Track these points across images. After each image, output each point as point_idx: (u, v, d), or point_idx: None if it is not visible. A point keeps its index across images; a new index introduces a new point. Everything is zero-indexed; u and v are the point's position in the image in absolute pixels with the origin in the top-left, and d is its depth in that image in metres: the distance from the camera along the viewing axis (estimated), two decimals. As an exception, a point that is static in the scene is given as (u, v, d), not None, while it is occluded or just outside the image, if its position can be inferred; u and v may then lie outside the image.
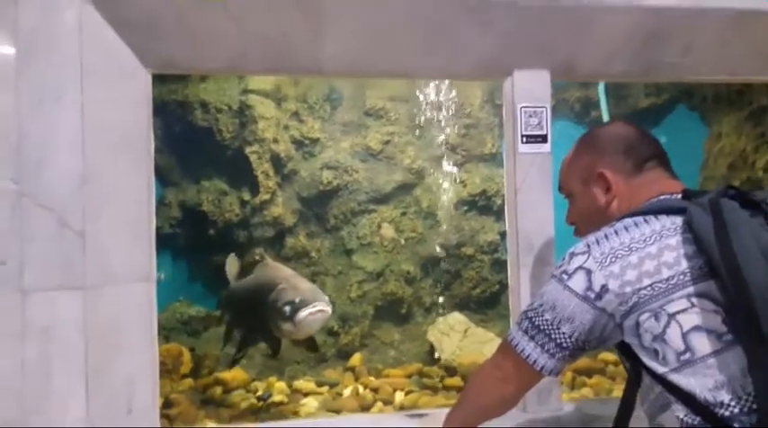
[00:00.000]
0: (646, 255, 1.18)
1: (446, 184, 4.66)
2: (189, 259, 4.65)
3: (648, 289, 1.15)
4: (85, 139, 1.82)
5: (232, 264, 3.51)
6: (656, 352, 1.13)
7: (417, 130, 4.75)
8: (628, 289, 1.16)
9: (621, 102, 4.55)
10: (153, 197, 2.04)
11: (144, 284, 2.00)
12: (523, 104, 2.59)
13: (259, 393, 3.51)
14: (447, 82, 4.55)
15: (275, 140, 4.39)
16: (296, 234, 4.49)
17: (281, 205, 4.42)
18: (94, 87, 1.86)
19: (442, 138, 4.70)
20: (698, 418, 1.07)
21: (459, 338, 4.01)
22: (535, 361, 1.28)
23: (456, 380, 3.57)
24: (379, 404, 3.30)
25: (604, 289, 1.18)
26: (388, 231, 4.61)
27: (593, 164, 1.45)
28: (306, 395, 3.51)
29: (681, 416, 1.10)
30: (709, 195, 1.21)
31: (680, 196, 1.32)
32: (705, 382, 1.08)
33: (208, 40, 2.05)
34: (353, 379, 3.85)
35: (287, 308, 2.61)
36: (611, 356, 3.80)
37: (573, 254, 1.26)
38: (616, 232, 1.24)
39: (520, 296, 2.51)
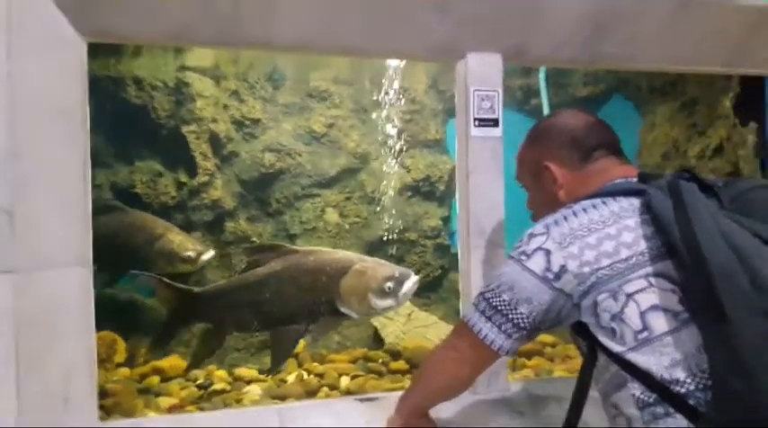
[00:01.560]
0: (605, 236, 1.20)
1: (391, 169, 4.64)
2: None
3: (607, 269, 1.17)
4: (14, 111, 1.68)
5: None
6: (613, 331, 1.15)
7: (362, 114, 4.69)
8: (586, 270, 1.18)
9: (561, 90, 4.66)
10: (89, 173, 1.91)
11: (79, 268, 1.87)
12: (476, 88, 2.60)
13: (199, 381, 3.39)
14: (392, 66, 4.51)
15: (214, 120, 4.22)
16: (236, 218, 4.35)
17: (221, 188, 4.27)
18: (25, 56, 1.72)
19: (386, 122, 4.66)
20: (654, 395, 1.10)
21: (403, 322, 4.03)
22: (492, 342, 1.29)
23: (401, 364, 3.57)
24: (325, 389, 3.26)
25: (563, 269, 1.20)
26: (332, 216, 4.55)
27: (540, 157, 1.52)
28: (249, 383, 3.42)
29: (637, 394, 1.12)
30: (667, 178, 1.25)
31: (635, 179, 1.35)
32: (661, 360, 1.09)
33: (150, 8, 1.93)
34: (297, 366, 3.79)
35: (390, 284, 2.74)
36: (548, 338, 3.92)
37: (531, 235, 1.28)
38: (574, 213, 1.26)
39: (470, 279, 2.54)
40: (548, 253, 1.22)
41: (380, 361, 3.67)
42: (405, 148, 4.64)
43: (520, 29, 2.41)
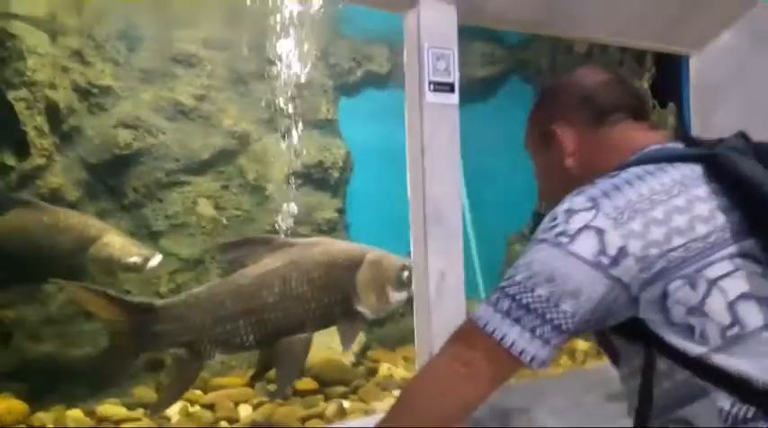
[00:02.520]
0: (673, 209, 1.00)
1: (277, 153, 4.00)
2: None
3: (681, 250, 0.97)
4: None
5: None
6: (690, 328, 0.95)
7: (240, 86, 3.99)
8: (653, 252, 0.97)
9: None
10: None
11: None
12: (431, 44, 2.18)
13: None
14: (275, 26, 3.88)
15: (51, 86, 3.25)
16: (81, 212, 3.41)
17: (61, 173, 3.31)
18: None
19: (270, 97, 4.01)
20: (752, 408, 0.91)
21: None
22: (523, 351, 0.99)
23: (308, 383, 3.01)
24: (224, 424, 2.60)
25: (623, 252, 0.97)
26: (206, 208, 3.80)
27: (548, 120, 1.30)
28: (118, 423, 2.63)
29: (725, 408, 0.92)
30: (734, 141, 1.09)
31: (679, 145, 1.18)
32: (762, 362, 0.91)
33: None
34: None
35: (406, 274, 2.49)
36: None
37: (571, 211, 1.02)
38: (628, 182, 1.04)
39: (428, 277, 2.14)
40: (600, 232, 0.98)
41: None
42: (293, 129, 4.03)
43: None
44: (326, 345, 3.40)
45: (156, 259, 2.93)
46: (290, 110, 4.05)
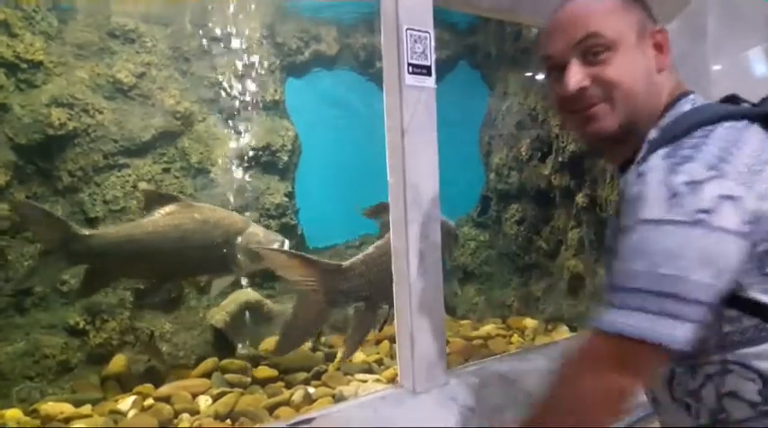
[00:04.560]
0: None
1: (221, 135, 3.85)
2: None
3: None
4: None
5: None
6: None
7: (183, 63, 3.79)
8: None
9: (403, 54, 4.37)
10: None
11: None
12: (409, 26, 2.17)
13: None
14: (222, 7, 3.72)
15: (-26, 58, 2.96)
16: (10, 197, 3.15)
17: (-13, 155, 3.04)
18: None
19: (214, 76, 3.85)
20: None
21: (256, 320, 3.37)
22: (674, 340, 0.89)
23: (267, 370, 2.94)
24: (185, 416, 2.50)
25: (757, 215, 0.90)
26: (147, 192, 3.61)
27: (649, 18, 1.14)
28: (67, 421, 2.47)
29: None
30: None
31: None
32: None
33: None
34: (121, 390, 2.90)
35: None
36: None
37: (695, 183, 0.90)
38: (734, 143, 0.95)
39: (408, 261, 2.14)
40: (736, 199, 0.90)
41: (241, 370, 2.97)
42: (239, 110, 3.89)
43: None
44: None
45: (286, 243, 3.11)
46: (236, 90, 3.91)
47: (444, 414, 1.93)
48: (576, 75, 1.06)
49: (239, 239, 2.96)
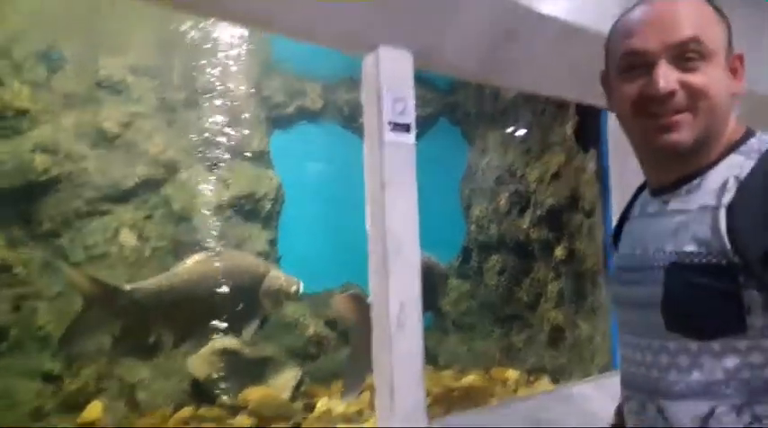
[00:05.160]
0: None
1: (205, 183, 3.89)
2: None
3: None
4: None
5: None
6: None
7: (169, 114, 3.86)
8: None
9: (386, 109, 4.50)
10: None
11: None
12: (389, 87, 2.24)
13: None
14: (208, 56, 3.82)
15: (-39, 105, 2.99)
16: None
17: (-33, 199, 3.04)
18: None
19: (200, 126, 3.91)
20: None
21: (235, 368, 3.33)
22: None
23: (246, 420, 2.89)
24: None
25: None
26: (128, 238, 3.61)
27: (731, 41, 1.06)
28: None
29: None
30: None
31: None
32: None
33: None
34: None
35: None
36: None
37: None
38: None
39: (388, 312, 2.14)
40: None
41: (217, 420, 2.92)
42: (223, 159, 3.94)
43: (432, 27, 2.17)
44: (260, 379, 3.32)
45: (302, 285, 3.21)
46: (221, 140, 3.97)
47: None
48: (669, 77, 0.96)
49: (264, 284, 3.07)
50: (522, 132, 4.06)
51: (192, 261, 2.94)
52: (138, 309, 2.76)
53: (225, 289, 2.90)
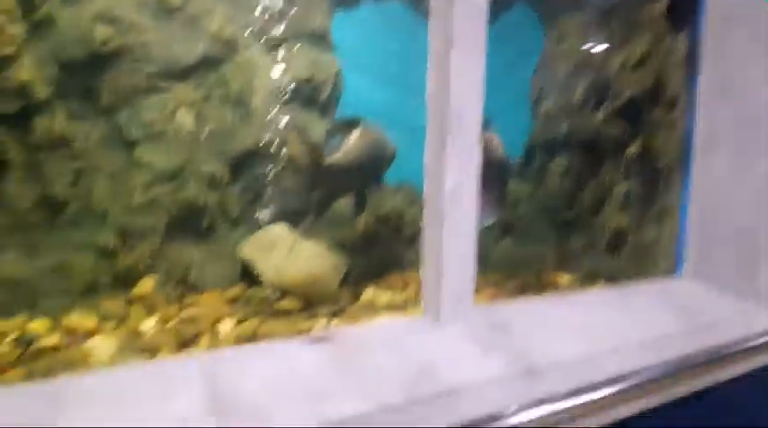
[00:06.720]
0: None
1: (264, 64, 3.75)
2: None
3: None
4: None
5: None
6: None
7: (229, -11, 3.68)
8: None
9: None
10: None
11: None
12: None
13: (12, 336, 2.38)
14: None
15: (21, -34, 2.92)
16: (51, 112, 3.15)
17: (29, 67, 3.03)
18: None
19: (261, 3, 3.73)
20: None
21: (285, 255, 3.33)
22: None
23: (289, 303, 2.91)
24: (205, 338, 2.50)
25: None
26: (185, 118, 3.57)
27: None
28: (90, 335, 2.50)
29: None
30: None
31: None
32: None
33: None
34: (145, 312, 2.92)
35: None
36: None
37: None
38: None
39: (443, 188, 2.00)
40: None
41: (263, 300, 2.95)
42: (283, 40, 3.77)
43: None
44: (310, 267, 3.31)
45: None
46: (283, 18, 3.78)
47: (467, 344, 1.82)
48: None
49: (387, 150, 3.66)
50: (605, 15, 3.63)
51: (354, 136, 3.51)
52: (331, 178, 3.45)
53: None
